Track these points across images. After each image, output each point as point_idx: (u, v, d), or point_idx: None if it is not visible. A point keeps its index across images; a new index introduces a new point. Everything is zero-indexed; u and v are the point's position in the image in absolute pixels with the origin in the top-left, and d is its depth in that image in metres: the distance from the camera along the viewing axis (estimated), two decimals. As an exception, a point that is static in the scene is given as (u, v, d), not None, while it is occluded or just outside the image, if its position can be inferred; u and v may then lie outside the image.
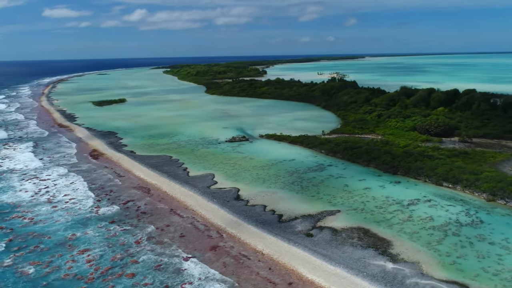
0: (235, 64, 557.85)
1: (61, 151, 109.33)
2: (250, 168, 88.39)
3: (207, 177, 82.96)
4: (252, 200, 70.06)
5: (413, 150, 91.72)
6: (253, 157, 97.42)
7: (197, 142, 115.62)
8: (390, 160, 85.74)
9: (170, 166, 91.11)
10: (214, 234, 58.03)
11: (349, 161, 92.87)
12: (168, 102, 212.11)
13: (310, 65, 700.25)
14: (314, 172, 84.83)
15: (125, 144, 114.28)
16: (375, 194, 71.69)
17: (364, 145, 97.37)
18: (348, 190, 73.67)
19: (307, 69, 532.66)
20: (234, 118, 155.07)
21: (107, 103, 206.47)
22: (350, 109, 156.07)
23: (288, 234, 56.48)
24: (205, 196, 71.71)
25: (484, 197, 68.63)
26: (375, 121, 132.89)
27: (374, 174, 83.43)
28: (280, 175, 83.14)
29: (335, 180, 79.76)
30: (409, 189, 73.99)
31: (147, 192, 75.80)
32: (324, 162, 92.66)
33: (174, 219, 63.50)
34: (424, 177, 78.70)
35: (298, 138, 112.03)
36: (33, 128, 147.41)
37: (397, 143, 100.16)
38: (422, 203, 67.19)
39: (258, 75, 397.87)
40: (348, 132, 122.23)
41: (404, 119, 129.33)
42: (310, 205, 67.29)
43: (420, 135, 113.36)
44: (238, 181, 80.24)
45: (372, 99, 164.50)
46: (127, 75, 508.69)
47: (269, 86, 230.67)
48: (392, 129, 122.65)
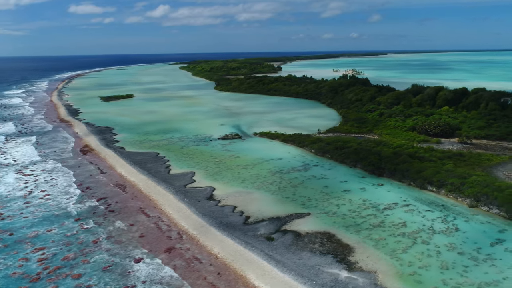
0: (252, 60, 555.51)
1: (54, 146, 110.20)
2: (233, 167, 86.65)
3: (186, 175, 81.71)
4: (224, 200, 68.38)
5: (403, 151, 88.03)
6: (240, 156, 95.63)
7: (189, 139, 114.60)
8: (376, 161, 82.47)
9: (154, 163, 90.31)
10: (174, 235, 56.67)
11: (337, 161, 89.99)
12: (174, 98, 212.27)
13: (329, 62, 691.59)
14: (298, 172, 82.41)
15: (117, 140, 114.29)
16: (353, 197, 68.86)
17: (355, 145, 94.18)
18: (326, 192, 71.06)
19: (324, 66, 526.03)
20: (234, 115, 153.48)
21: (114, 98, 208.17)
22: (353, 107, 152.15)
23: (249, 237, 54.56)
24: (177, 195, 70.45)
25: (467, 203, 64.92)
26: (375, 120, 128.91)
27: (358, 175, 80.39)
28: (261, 175, 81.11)
29: (316, 181, 77.17)
30: (390, 193, 70.80)
31: (122, 190, 75.13)
32: (311, 162, 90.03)
33: (140, 218, 62.47)
34: (409, 180, 75.25)
35: (291, 137, 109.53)
36: (36, 122, 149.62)
37: (391, 144, 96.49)
38: (400, 207, 64.06)
39: (272, 71, 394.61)
40: (345, 131, 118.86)
41: (405, 119, 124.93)
42: (282, 206, 65.13)
43: (418, 135, 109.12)
44: (217, 180, 78.66)
45: (378, 97, 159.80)
46: (143, 71, 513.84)
47: (278, 83, 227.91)
48: (390, 128, 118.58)
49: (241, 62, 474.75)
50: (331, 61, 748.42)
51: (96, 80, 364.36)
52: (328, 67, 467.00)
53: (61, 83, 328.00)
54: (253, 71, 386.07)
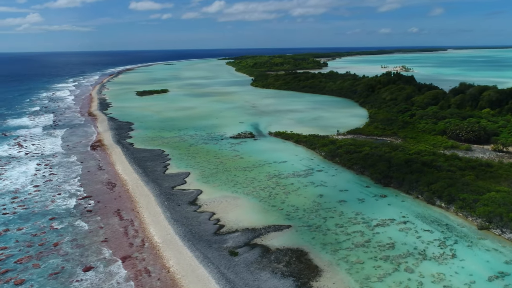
0: (299, 56, 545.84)
1: (70, 140, 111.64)
2: (232, 169, 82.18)
3: (180, 176, 78.41)
4: (206, 205, 64.17)
5: (419, 158, 78.86)
6: (244, 157, 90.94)
7: (201, 137, 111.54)
8: (385, 169, 74.35)
9: (154, 162, 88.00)
10: (137, 242, 53.30)
11: (344, 166, 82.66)
12: (206, 94, 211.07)
13: (382, 58, 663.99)
14: (296, 178, 76.33)
15: (130, 136, 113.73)
16: (346, 209, 61.96)
17: (367, 150, 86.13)
18: (318, 202, 64.64)
19: (374, 62, 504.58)
20: (258, 113, 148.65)
21: (148, 93, 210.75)
22: (385, 107, 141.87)
23: (211, 250, 49.92)
24: (159, 198, 67.21)
25: (476, 224, 55.93)
26: (404, 121, 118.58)
27: (362, 184, 72.84)
28: (256, 179, 75.98)
29: (313, 189, 70.78)
30: (390, 206, 63.01)
31: (110, 189, 73.20)
32: (317, 166, 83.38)
33: (112, 221, 59.85)
34: (417, 192, 66.78)
35: (305, 138, 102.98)
36: (67, 115, 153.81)
37: (409, 149, 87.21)
38: (395, 224, 56.43)
39: (316, 67, 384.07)
40: (367, 133, 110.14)
41: (436, 121, 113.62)
42: (263, 216, 59.78)
43: (447, 141, 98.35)
44: (208, 182, 74.61)
45: (414, 97, 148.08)
46: (190, 66, 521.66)
47: (314, 80, 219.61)
48: (418, 131, 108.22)
49: (286, 58, 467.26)
50: (385, 57, 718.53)
51: (141, 74, 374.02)
52: (378, 63, 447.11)
53: (108, 77, 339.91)
54: (296, 67, 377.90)
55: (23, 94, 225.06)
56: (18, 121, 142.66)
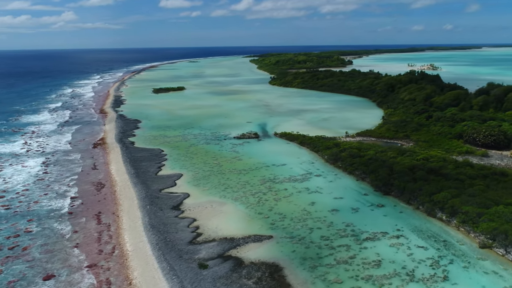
0: (324, 54, 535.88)
1: (74, 138, 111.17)
2: (227, 171, 78.79)
3: (172, 177, 75.66)
4: (189, 211, 61.04)
5: (426, 165, 72.93)
6: (243, 158, 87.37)
7: (205, 136, 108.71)
8: (386, 176, 69.06)
9: (150, 162, 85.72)
10: (108, 249, 50.67)
11: (345, 171, 77.76)
12: (222, 92, 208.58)
13: (411, 56, 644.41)
14: (292, 183, 72.13)
15: (134, 134, 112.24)
16: (337, 219, 57.41)
17: (371, 154, 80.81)
18: (308, 211, 60.33)
19: (402, 60, 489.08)
20: (269, 112, 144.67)
21: (165, 90, 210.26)
22: (402, 108, 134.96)
23: (180, 262, 46.64)
24: (143, 201, 64.57)
25: (478, 241, 50.30)
26: (418, 123, 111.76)
27: (361, 192, 67.89)
28: (249, 183, 72.28)
29: (306, 195, 66.45)
30: (386, 218, 58.00)
31: (98, 190, 71.20)
32: (316, 170, 78.82)
33: (89, 225, 57.58)
34: (417, 203, 61.39)
35: (311, 140, 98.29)
36: (80, 112, 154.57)
37: (418, 154, 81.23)
38: (387, 239, 51.53)
39: (340, 65, 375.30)
40: (377, 136, 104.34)
41: (454, 124, 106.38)
42: (246, 225, 56.07)
43: (462, 145, 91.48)
44: (198, 185, 71.51)
45: (434, 97, 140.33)
46: (213, 63, 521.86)
47: (333, 78, 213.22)
48: (432, 135, 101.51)
49: (310, 56, 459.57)
50: (415, 55, 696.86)
51: (163, 72, 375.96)
52: (406, 62, 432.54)
53: (130, 74, 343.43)
54: (319, 65, 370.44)
55: (49, 90, 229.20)
56: (31, 117, 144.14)
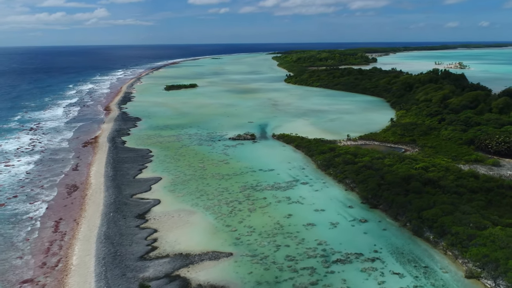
0: (348, 51, 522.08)
1: (69, 135, 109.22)
2: (209, 176, 74.11)
3: (149, 181, 71.65)
4: (153, 220, 56.71)
5: (424, 175, 65.78)
6: (230, 162, 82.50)
7: (200, 136, 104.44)
8: (375, 186, 62.59)
9: (133, 164, 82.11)
10: (52, 262, 46.89)
11: (335, 179, 71.61)
12: (234, 89, 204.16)
13: (442, 53, 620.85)
14: (274, 191, 66.72)
15: (129, 133, 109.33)
16: (310, 235, 51.71)
17: (366, 161, 74.22)
18: (283, 224, 54.87)
19: (431, 58, 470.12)
20: (275, 112, 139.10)
21: (176, 87, 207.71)
22: (415, 109, 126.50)
23: (120, 282, 42.25)
24: (109, 207, 60.76)
25: (465, 269, 43.56)
26: (428, 127, 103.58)
27: (345, 203, 61.73)
28: (228, 190, 67.35)
29: (285, 206, 60.93)
30: (366, 235, 51.83)
31: (69, 194, 67.93)
32: (304, 178, 73.00)
33: (45, 233, 54.14)
34: (405, 219, 54.82)
35: (308, 143, 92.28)
36: (88, 109, 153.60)
37: (417, 161, 73.95)
38: (360, 262, 45.51)
39: (363, 63, 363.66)
40: (381, 139, 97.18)
41: (467, 128, 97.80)
42: (209, 238, 51.23)
43: (471, 153, 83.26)
44: (174, 191, 67.16)
45: (451, 98, 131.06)
46: (236, 60, 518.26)
47: (349, 76, 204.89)
48: (441, 140, 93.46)
49: (334, 53, 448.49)
50: (446, 53, 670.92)
51: (182, 69, 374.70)
52: (435, 60, 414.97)
53: (149, 71, 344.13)
54: (341, 62, 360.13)
55: (71, 86, 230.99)
56: (37, 113, 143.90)
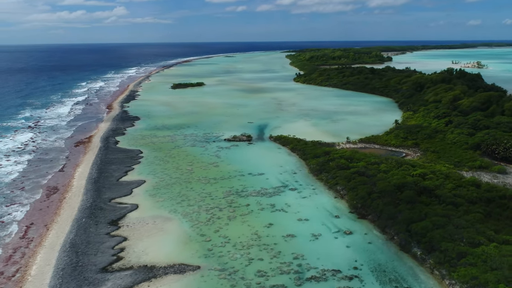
0: (363, 49, 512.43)
1: (65, 134, 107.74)
2: (195, 180, 71.05)
3: (131, 185, 69.02)
4: (125, 227, 53.91)
5: (420, 183, 61.24)
6: (220, 165, 79.31)
7: (195, 137, 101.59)
8: (365, 195, 58.48)
9: (120, 165, 79.65)
10: (9, 272, 44.42)
11: (326, 185, 67.70)
12: (240, 89, 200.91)
13: (461, 52, 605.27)
14: (259, 197, 63.25)
15: (124, 133, 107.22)
16: (288, 248, 48.07)
17: (360, 166, 70.00)
18: (260, 235, 51.38)
19: (449, 57, 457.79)
20: (278, 112, 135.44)
21: (183, 86, 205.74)
22: (422, 111, 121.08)
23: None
24: (82, 213, 58.22)
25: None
26: (434, 130, 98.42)
27: (332, 213, 57.81)
28: (212, 195, 64.17)
29: (267, 214, 57.42)
30: (348, 249, 47.92)
31: (47, 196, 65.70)
32: (294, 183, 69.29)
33: (13, 239, 51.90)
34: (393, 232, 50.65)
35: (305, 145, 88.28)
36: (90, 107, 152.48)
37: (416, 167, 69.24)
38: (336, 280, 41.74)
39: (377, 62, 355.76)
40: (382, 143, 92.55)
41: (474, 132, 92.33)
42: (180, 248, 48.15)
43: (477, 158, 78.03)
44: (155, 195, 64.35)
45: (463, 99, 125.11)
46: (249, 58, 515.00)
47: (359, 76, 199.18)
48: (446, 143, 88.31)
49: (349, 51, 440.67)
50: (466, 51, 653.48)
51: (194, 67, 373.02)
52: (452, 58, 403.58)
53: (160, 69, 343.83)
54: (355, 61, 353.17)
55: (84, 84, 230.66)
56: (39, 111, 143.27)
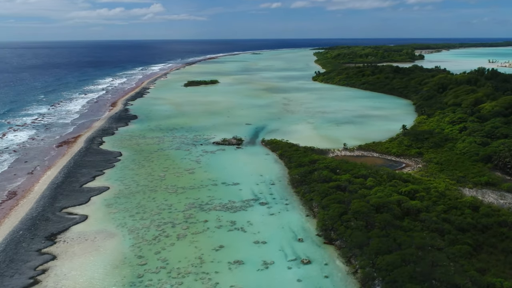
0: (397, 47, 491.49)
1: (56, 133, 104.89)
2: (162, 189, 65.32)
3: (92, 192, 64.14)
4: (62, 243, 48.70)
5: (405, 204, 52.62)
6: (197, 172, 73.25)
7: (183, 140, 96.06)
8: (336, 216, 50.59)
9: (91, 169, 75.01)
10: None
11: (302, 200, 60.11)
12: (254, 88, 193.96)
13: (503, 51, 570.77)
14: (221, 212, 56.68)
15: (113, 133, 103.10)
16: (227, 280, 41.30)
17: (344, 179, 61.87)
18: (204, 259, 44.84)
19: (489, 55, 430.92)
20: (281, 112, 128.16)
21: (196, 83, 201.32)
22: (438, 114, 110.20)
23: (-40, 330, 34.34)
24: (23, 224, 53.52)
25: None
26: (444, 138, 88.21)
27: (296, 235, 50.34)
28: (172, 208, 58.18)
29: (223, 234, 50.72)
30: (299, 284, 40.50)
31: (1, 203, 61.73)
32: (268, 196, 62.19)
33: None
34: (358, 264, 42.72)
35: (294, 152, 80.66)
36: (96, 104, 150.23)
37: (409, 183, 60.41)
38: (268, 326, 34.50)
39: (407, 60, 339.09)
40: (382, 151, 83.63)
41: (490, 140, 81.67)
42: (105, 274, 42.33)
43: (485, 172, 67.96)
44: (111, 206, 59.02)
45: (485, 103, 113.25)
46: (275, 55, 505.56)
47: (379, 75, 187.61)
48: (454, 154, 78.26)
49: (379, 48, 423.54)
50: (509, 49, 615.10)
51: (216, 64, 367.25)
52: (490, 57, 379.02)
53: (181, 65, 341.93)
54: (383, 59, 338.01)
55: (109, 79, 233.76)
56: (47, 108, 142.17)
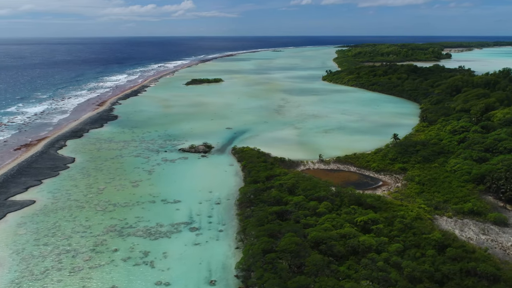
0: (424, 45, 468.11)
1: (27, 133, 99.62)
2: (91, 206, 57.90)
3: (13, 206, 57.58)
4: None
5: (350, 240, 42.70)
6: (141, 185, 65.75)
7: (149, 145, 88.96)
8: (259, 253, 41.28)
9: (29, 178, 68.71)
10: None
11: (241, 225, 50.88)
12: (255, 88, 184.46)
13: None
14: (141, 239, 48.50)
15: (82, 135, 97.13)
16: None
17: (293, 202, 52.31)
18: (83, 305, 36.54)
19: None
20: (271, 116, 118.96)
21: (198, 82, 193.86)
22: (440, 122, 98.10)
23: None
24: None
25: None
26: (438, 150, 76.59)
27: (212, 275, 41.50)
28: (87, 231, 50.48)
29: (126, 268, 42.64)
30: None
31: None
32: (203, 220, 53.81)
33: None
34: (262, 324, 33.37)
35: (257, 164, 71.16)
36: (85, 103, 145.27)
37: (367, 212, 50.13)
38: None
39: (432, 59, 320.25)
40: (361, 164, 73.25)
41: (489, 156, 69.73)
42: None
43: (471, 198, 56.57)
44: (24, 225, 52.11)
45: (497, 109, 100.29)
46: (294, 53, 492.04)
47: (392, 75, 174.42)
48: (442, 172, 66.84)
49: (406, 47, 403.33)
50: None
51: (229, 62, 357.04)
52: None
53: (193, 63, 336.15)
54: (405, 58, 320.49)
55: (120, 76, 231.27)
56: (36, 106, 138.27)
